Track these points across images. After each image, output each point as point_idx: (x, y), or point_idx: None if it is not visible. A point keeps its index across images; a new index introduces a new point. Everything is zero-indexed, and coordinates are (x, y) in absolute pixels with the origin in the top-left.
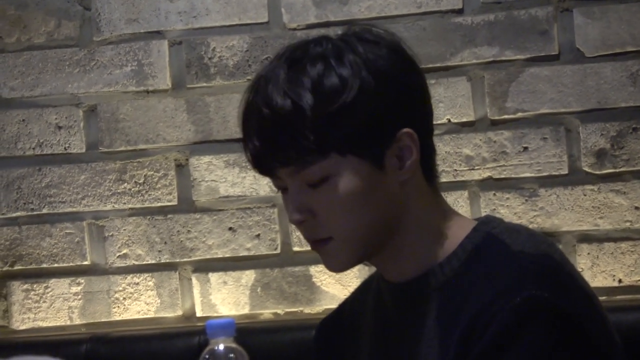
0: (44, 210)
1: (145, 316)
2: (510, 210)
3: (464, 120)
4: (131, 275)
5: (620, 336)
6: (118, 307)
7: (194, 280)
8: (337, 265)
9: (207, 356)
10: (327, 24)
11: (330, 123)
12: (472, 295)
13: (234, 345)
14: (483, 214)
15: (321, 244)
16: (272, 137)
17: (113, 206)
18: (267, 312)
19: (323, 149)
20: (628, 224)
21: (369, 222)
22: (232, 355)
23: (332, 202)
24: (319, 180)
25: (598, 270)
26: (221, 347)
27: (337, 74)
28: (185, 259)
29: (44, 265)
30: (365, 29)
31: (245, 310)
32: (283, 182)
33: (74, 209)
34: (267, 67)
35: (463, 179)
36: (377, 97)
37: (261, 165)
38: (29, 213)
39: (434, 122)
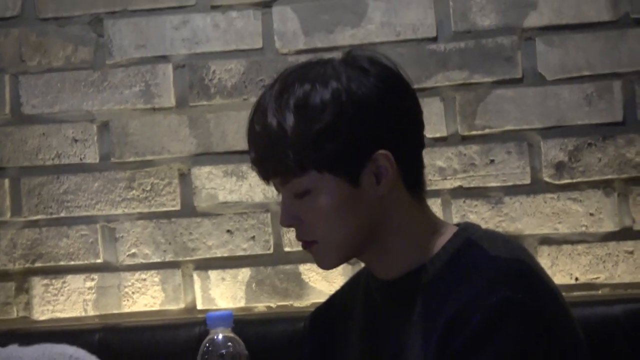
0: (62, 214)
1: (151, 308)
2: (478, 215)
3: (438, 135)
4: (139, 272)
5: None
6: (127, 300)
7: (195, 277)
8: (325, 264)
9: (207, 344)
10: (314, 50)
11: (308, 143)
12: (452, 295)
13: (231, 334)
14: (454, 219)
15: (308, 245)
16: (261, 150)
17: (123, 210)
18: (260, 306)
19: (302, 165)
20: (583, 228)
21: (349, 231)
22: (229, 343)
23: (314, 212)
24: (302, 192)
25: (557, 270)
26: (220, 336)
27: (320, 98)
28: (187, 258)
29: (62, 263)
30: (361, 56)
31: (241, 304)
32: (278, 189)
33: (89, 213)
34: (267, 88)
35: (436, 187)
36: (352, 122)
37: (258, 173)
38: (49, 216)
39: None
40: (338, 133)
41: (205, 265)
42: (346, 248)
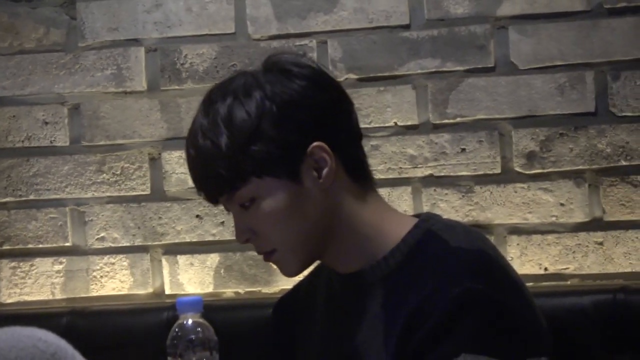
0: (31, 197)
1: (119, 293)
2: (449, 204)
3: (409, 123)
4: (108, 256)
5: (545, 318)
6: (95, 284)
7: (164, 262)
8: (289, 271)
9: (177, 329)
10: (287, 36)
11: (241, 152)
12: (414, 287)
13: (201, 320)
14: (425, 208)
15: (269, 256)
16: (201, 173)
17: (93, 194)
18: (229, 291)
19: (241, 175)
20: (554, 218)
21: (304, 230)
22: (199, 329)
23: (264, 219)
24: (248, 202)
25: (526, 260)
26: (190, 321)
27: (244, 109)
28: (156, 242)
29: (30, 246)
30: (283, 60)
31: (210, 289)
32: (227, 208)
33: (58, 196)
34: (196, 113)
35: (407, 176)
36: (277, 122)
37: (205, 197)
38: (17, 199)
39: (383, 126)
40: (265, 135)
41: (174, 250)
42: (305, 249)
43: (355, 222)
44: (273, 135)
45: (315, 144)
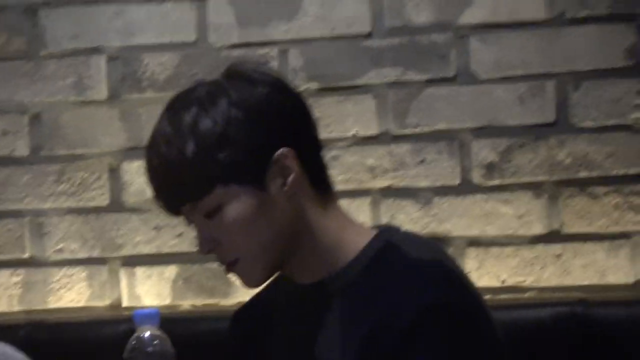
0: None
1: (77, 305)
2: (408, 216)
3: (369, 133)
4: (66, 267)
5: (503, 332)
6: (53, 296)
7: (122, 274)
8: (251, 282)
9: (134, 342)
10: (248, 45)
11: (208, 159)
12: (375, 299)
13: (158, 332)
14: (383, 219)
15: (231, 266)
16: (164, 182)
17: (52, 205)
18: (186, 303)
19: (207, 183)
20: (512, 230)
21: (267, 238)
22: (156, 341)
23: (228, 227)
24: (213, 210)
25: (484, 272)
26: (147, 334)
27: (210, 116)
28: (114, 254)
29: None
30: (245, 69)
31: (167, 302)
32: (189, 218)
33: (17, 207)
34: (157, 122)
35: (367, 186)
36: (245, 131)
37: (166, 207)
38: None
39: (343, 136)
40: (232, 141)
41: (132, 261)
42: (269, 258)
43: (317, 232)
44: (240, 141)
45: (281, 150)
